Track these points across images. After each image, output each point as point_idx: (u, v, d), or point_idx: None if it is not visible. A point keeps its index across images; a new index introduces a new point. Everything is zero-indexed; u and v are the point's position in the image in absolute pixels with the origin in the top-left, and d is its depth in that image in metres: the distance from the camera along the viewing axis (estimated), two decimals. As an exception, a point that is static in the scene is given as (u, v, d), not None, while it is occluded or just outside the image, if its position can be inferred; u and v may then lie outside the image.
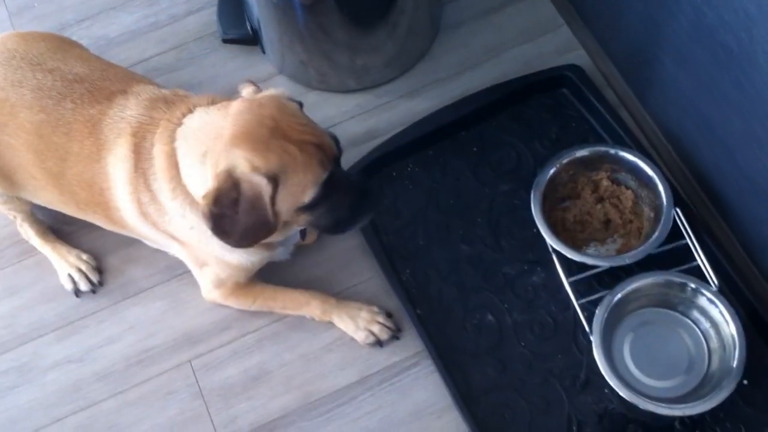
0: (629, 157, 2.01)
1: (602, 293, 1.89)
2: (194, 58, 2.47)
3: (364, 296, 2.09)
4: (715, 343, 1.85)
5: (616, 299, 1.86)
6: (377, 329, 2.01)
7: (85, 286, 2.14)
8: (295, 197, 1.67)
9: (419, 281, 2.07)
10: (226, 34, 2.42)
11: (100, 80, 1.90)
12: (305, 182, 1.66)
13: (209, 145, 1.69)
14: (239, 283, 2.01)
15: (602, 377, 1.80)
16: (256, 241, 1.73)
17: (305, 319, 2.06)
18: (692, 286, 1.85)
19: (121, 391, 2.05)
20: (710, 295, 1.83)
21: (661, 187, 1.95)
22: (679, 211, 1.94)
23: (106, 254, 2.19)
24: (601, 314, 1.84)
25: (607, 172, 2.06)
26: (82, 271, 2.14)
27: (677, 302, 1.90)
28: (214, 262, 1.93)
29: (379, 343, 2.01)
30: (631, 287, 1.86)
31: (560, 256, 1.95)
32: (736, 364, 1.76)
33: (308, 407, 1.99)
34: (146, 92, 1.88)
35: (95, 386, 2.06)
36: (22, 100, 1.85)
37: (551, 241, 1.95)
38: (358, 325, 2.01)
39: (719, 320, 1.83)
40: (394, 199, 2.17)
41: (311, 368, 2.03)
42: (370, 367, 2.02)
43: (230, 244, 1.72)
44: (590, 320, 1.85)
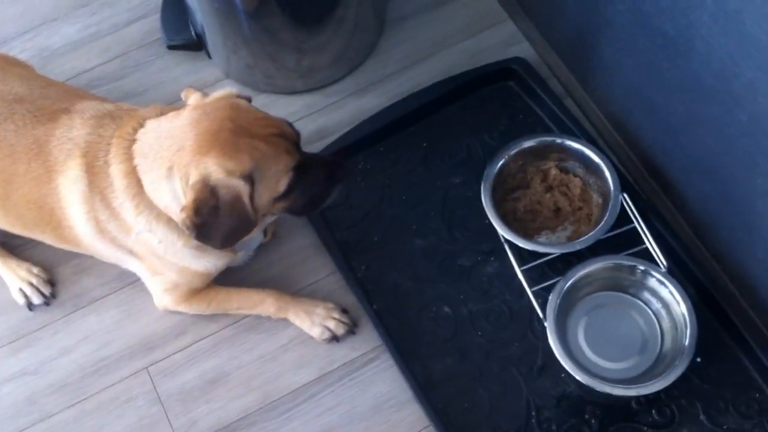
0: (575, 145, 2.03)
1: (555, 280, 1.91)
2: (139, 65, 2.45)
3: (320, 294, 2.09)
4: (667, 323, 1.88)
5: (568, 285, 1.88)
6: (333, 325, 2.01)
7: (37, 299, 2.11)
8: (271, 189, 1.70)
9: (375, 276, 2.08)
10: (170, 40, 2.40)
11: (41, 99, 1.88)
12: (278, 173, 1.69)
13: (173, 159, 1.68)
14: (194, 288, 2.00)
15: (558, 362, 1.82)
16: (239, 239, 1.75)
17: (261, 320, 2.06)
18: (641, 268, 1.88)
19: (78, 401, 2.03)
20: (659, 276, 1.86)
21: (607, 173, 1.98)
22: (626, 196, 1.97)
23: (57, 266, 2.17)
24: (554, 300, 1.86)
25: (555, 161, 2.08)
26: (33, 285, 2.11)
27: (628, 285, 1.93)
28: (176, 271, 1.92)
29: (335, 338, 2.02)
30: (582, 272, 1.89)
31: (512, 245, 1.97)
32: (688, 342, 1.79)
33: (268, 407, 1.99)
34: (90, 110, 1.87)
35: (51, 398, 2.04)
36: None
37: (502, 231, 1.97)
38: (313, 321, 2.01)
39: (670, 300, 1.86)
40: (347, 196, 2.17)
41: (269, 368, 2.03)
42: (328, 364, 2.02)
43: (215, 247, 1.74)
44: (544, 307, 1.87)
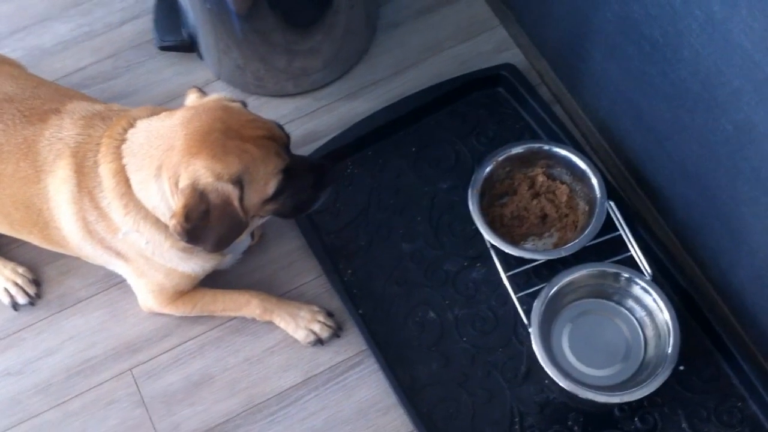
0: (563, 152, 2.04)
1: (540, 286, 1.91)
2: (131, 66, 2.45)
3: (306, 297, 2.09)
4: (650, 330, 1.89)
5: (552, 291, 1.88)
6: (318, 328, 2.01)
7: (22, 299, 2.11)
8: (260, 192, 1.70)
9: (361, 280, 2.08)
10: (162, 41, 2.41)
11: (30, 99, 1.88)
12: (267, 176, 1.69)
13: (162, 158, 1.68)
14: (180, 290, 1.99)
15: (542, 368, 1.82)
16: (232, 241, 1.75)
17: (247, 323, 2.06)
18: (625, 275, 1.88)
19: (62, 402, 2.03)
20: (643, 283, 1.86)
21: (594, 180, 1.99)
22: (612, 203, 1.97)
23: (42, 266, 2.16)
24: (538, 306, 1.87)
25: (542, 167, 2.09)
26: (18, 284, 2.11)
27: (612, 292, 1.93)
28: (163, 272, 1.92)
29: (320, 341, 2.02)
30: (566, 279, 1.89)
31: (499, 251, 1.97)
32: (671, 350, 1.79)
33: (253, 410, 1.99)
34: (80, 110, 1.87)
35: (36, 398, 2.03)
36: None
37: (489, 236, 1.97)
38: (298, 323, 2.01)
39: (653, 308, 1.86)
40: (334, 200, 2.18)
41: (254, 371, 2.03)
42: (313, 367, 2.02)
43: (208, 250, 1.75)
44: (529, 313, 1.87)
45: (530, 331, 1.85)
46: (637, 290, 1.88)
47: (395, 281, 2.08)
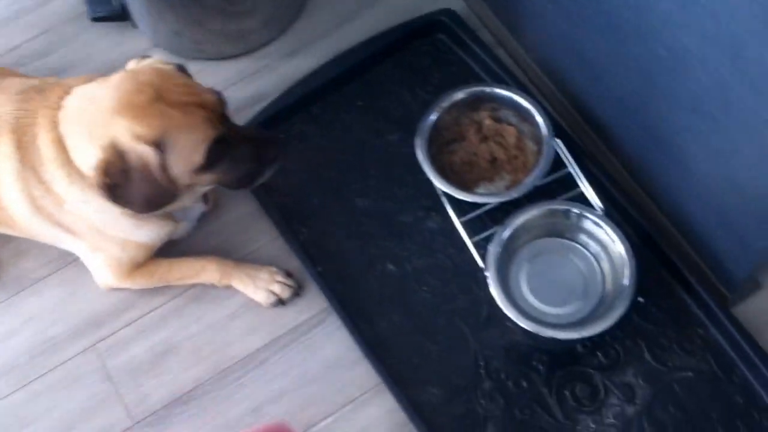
0: (507, 93, 2.04)
1: (495, 229, 1.92)
2: (65, 40, 2.40)
3: (264, 260, 2.08)
4: (606, 264, 1.91)
5: (506, 234, 1.89)
6: (278, 288, 2.01)
7: (-23, 284, 2.09)
8: (187, 160, 1.67)
9: (318, 239, 2.08)
10: (95, 12, 2.35)
11: None
12: (194, 143, 1.66)
13: (92, 121, 1.67)
14: (137, 262, 1.98)
15: (503, 312, 1.83)
16: (161, 205, 1.73)
17: (207, 289, 2.05)
18: (576, 211, 1.90)
19: (27, 383, 2.01)
20: (595, 218, 1.88)
21: (540, 119, 1.99)
22: (560, 141, 1.98)
23: (-6, 249, 2.14)
24: (494, 250, 1.88)
25: (488, 111, 2.08)
26: None
27: (564, 229, 1.94)
28: (117, 244, 1.90)
29: (281, 302, 2.02)
30: (519, 220, 1.90)
31: (451, 198, 1.98)
32: (627, 281, 1.81)
33: (220, 376, 1.99)
34: (14, 86, 1.84)
35: (0, 381, 2.02)
36: None
37: (439, 184, 1.97)
38: (257, 285, 2.01)
39: (607, 241, 1.88)
40: (284, 159, 2.16)
41: (219, 337, 2.03)
42: (277, 329, 2.02)
43: (137, 211, 1.73)
44: (485, 257, 1.89)
45: (487, 275, 1.86)
46: (589, 225, 1.90)
47: (351, 236, 2.08)
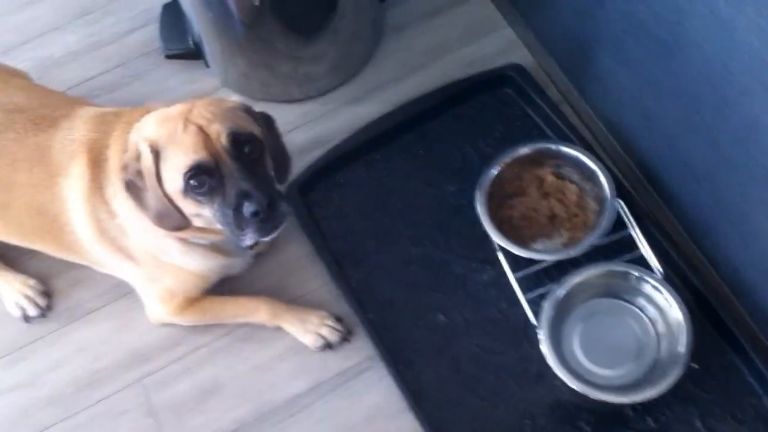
0: (571, 151, 2.01)
1: (550, 287, 1.89)
2: (138, 74, 2.46)
3: (315, 303, 2.08)
4: (662, 329, 1.86)
5: (563, 292, 1.86)
6: (327, 332, 2.00)
7: (33, 311, 2.11)
8: (173, 178, 1.65)
9: (369, 285, 2.07)
10: (168, 49, 2.41)
11: (41, 108, 1.90)
12: (180, 160, 1.63)
13: (139, 128, 1.73)
14: (190, 298, 1.99)
15: (553, 370, 1.79)
16: (173, 224, 1.71)
17: (256, 329, 2.05)
18: (636, 274, 1.85)
19: (71, 414, 2.02)
20: (654, 282, 1.83)
21: (603, 179, 1.96)
22: (621, 202, 1.95)
23: (52, 277, 2.16)
24: (548, 308, 1.84)
25: (551, 167, 2.06)
26: (29, 296, 2.11)
27: (623, 291, 1.90)
28: (171, 272, 1.91)
29: (329, 346, 2.00)
30: (576, 279, 1.87)
31: (507, 252, 1.95)
32: (683, 348, 1.76)
33: (262, 418, 1.98)
34: (91, 112, 1.89)
35: (46, 411, 2.03)
36: None
37: (497, 238, 1.95)
38: (307, 328, 2.00)
39: (665, 306, 1.83)
40: (341, 205, 2.17)
41: (264, 379, 2.02)
42: (322, 374, 2.00)
43: (150, 219, 1.72)
44: (539, 315, 1.85)
45: (539, 332, 1.82)
46: (648, 289, 1.85)
47: (403, 285, 2.06)
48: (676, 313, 1.80)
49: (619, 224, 1.94)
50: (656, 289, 1.83)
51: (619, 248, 1.94)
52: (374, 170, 2.21)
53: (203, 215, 1.70)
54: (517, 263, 1.96)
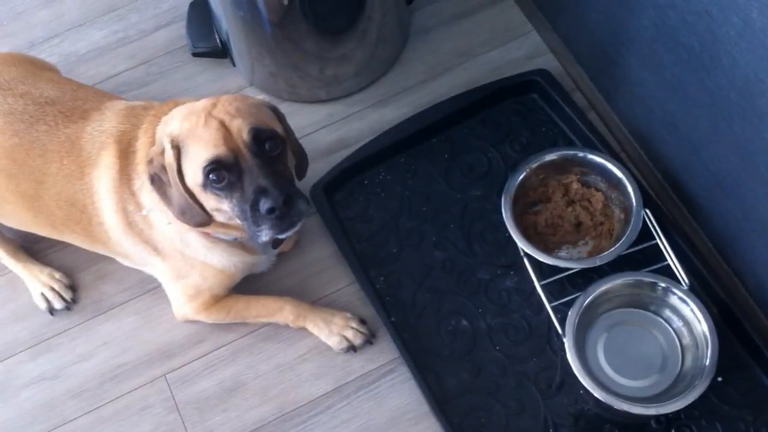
0: (598, 159, 2.02)
1: (575, 295, 1.89)
2: (164, 72, 2.47)
3: (339, 304, 2.09)
4: (688, 341, 1.86)
5: (588, 301, 1.86)
6: (351, 334, 2.00)
7: (59, 304, 2.12)
8: (194, 170, 1.65)
9: (393, 288, 2.07)
10: (195, 47, 2.41)
11: (71, 101, 1.91)
12: (199, 155, 1.63)
13: (166, 121, 1.74)
14: (215, 295, 1.99)
15: (577, 379, 1.80)
16: (194, 219, 1.72)
17: (280, 329, 2.06)
18: (662, 285, 1.86)
19: (95, 407, 2.04)
20: (681, 293, 1.83)
21: (630, 188, 1.96)
22: (648, 212, 1.95)
23: (78, 271, 2.18)
24: (573, 316, 1.85)
25: (576, 174, 2.06)
26: (55, 289, 2.13)
27: (649, 302, 1.90)
28: (196, 267, 1.92)
29: (353, 348, 2.01)
30: (602, 288, 1.87)
31: (532, 259, 1.95)
32: (708, 361, 1.76)
33: (284, 418, 1.99)
34: (121, 105, 1.91)
35: (70, 404, 2.05)
36: None
37: (522, 245, 1.95)
38: (331, 330, 2.01)
39: (691, 318, 1.83)
40: (366, 206, 2.17)
41: (286, 378, 2.03)
42: (345, 375, 2.01)
43: (174, 214, 1.73)
44: (563, 322, 1.85)
45: (565, 341, 1.83)
46: (674, 300, 1.85)
47: (427, 289, 2.07)
48: (702, 325, 1.80)
49: (644, 234, 1.94)
50: (683, 301, 1.83)
51: (643, 258, 1.94)
52: (399, 173, 2.22)
53: (223, 210, 1.71)
54: (540, 270, 1.96)
